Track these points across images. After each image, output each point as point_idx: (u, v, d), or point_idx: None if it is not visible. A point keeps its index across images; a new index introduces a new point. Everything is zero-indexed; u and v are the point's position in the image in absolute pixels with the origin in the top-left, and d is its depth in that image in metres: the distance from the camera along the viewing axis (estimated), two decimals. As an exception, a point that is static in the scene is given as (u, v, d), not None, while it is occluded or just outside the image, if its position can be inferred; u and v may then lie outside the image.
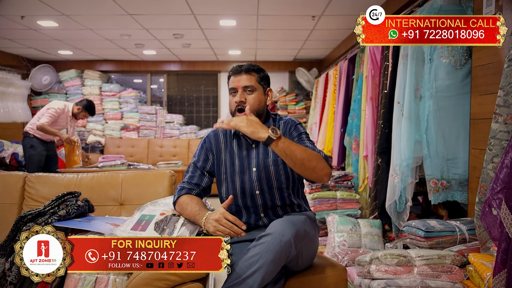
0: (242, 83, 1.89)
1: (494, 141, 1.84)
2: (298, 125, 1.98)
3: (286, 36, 5.72)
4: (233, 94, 1.92)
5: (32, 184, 2.34)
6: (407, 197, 2.78)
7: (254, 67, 1.94)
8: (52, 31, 5.40)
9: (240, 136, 1.97)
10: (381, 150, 3.12)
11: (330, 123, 5.21)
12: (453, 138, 2.67)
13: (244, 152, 1.95)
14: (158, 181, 2.40)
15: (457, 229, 2.29)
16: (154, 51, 6.80)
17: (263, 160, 1.91)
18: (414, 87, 2.77)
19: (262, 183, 1.91)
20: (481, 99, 2.43)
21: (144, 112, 7.57)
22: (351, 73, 4.55)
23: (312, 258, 1.90)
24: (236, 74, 1.91)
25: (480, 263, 1.82)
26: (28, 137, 4.90)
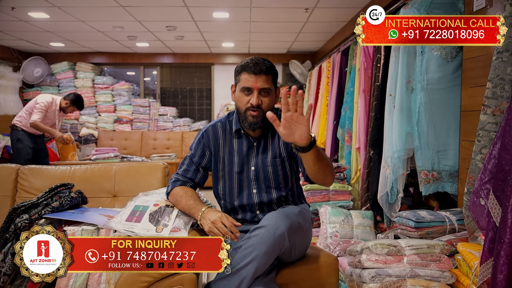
0: (260, 84, 1.78)
1: (483, 132, 1.87)
2: None
3: (280, 28, 5.71)
4: (246, 93, 1.80)
5: (25, 176, 2.34)
6: (399, 189, 2.81)
7: (272, 66, 1.83)
8: (44, 23, 5.35)
9: (242, 133, 1.93)
10: (373, 142, 3.15)
11: (323, 115, 5.23)
12: (444, 130, 2.70)
13: (244, 150, 1.92)
14: (151, 173, 2.40)
15: (446, 220, 2.33)
16: (147, 43, 6.77)
17: (263, 159, 1.90)
18: (406, 79, 2.79)
19: (259, 182, 1.90)
20: (471, 91, 2.45)
21: (137, 105, 7.54)
22: (344, 65, 4.56)
23: (305, 250, 1.92)
24: (255, 73, 1.77)
25: (468, 252, 1.86)
26: (15, 130, 4.86)
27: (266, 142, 1.93)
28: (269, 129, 1.91)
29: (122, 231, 1.75)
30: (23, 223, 1.74)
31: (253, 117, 1.80)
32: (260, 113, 1.79)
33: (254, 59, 1.82)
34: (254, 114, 1.79)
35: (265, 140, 1.93)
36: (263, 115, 1.78)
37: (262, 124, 1.83)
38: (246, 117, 1.82)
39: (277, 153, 1.91)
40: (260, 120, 1.81)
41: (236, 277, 1.57)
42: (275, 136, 1.91)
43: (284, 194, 1.92)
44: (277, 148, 1.91)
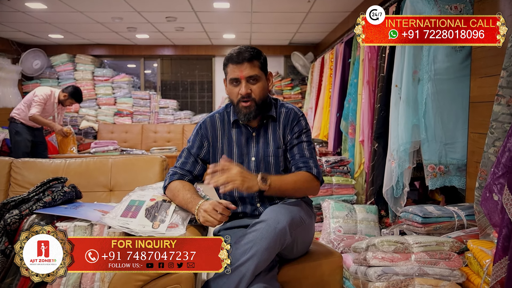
0: (246, 73, 1.75)
1: (496, 124, 1.78)
2: (301, 118, 1.88)
3: (281, 19, 5.61)
4: (234, 84, 1.78)
5: (18, 170, 2.27)
6: (404, 183, 2.73)
7: (255, 52, 1.78)
8: (41, 14, 5.26)
9: (240, 123, 1.88)
10: (378, 134, 3.06)
11: (326, 107, 5.15)
12: (452, 122, 2.62)
13: (244, 141, 1.87)
14: (148, 166, 2.33)
15: (455, 215, 2.25)
16: (147, 35, 6.67)
17: (263, 149, 1.85)
18: (412, 69, 2.70)
19: None
20: (481, 81, 2.37)
21: (137, 98, 7.46)
22: (347, 56, 4.46)
23: (307, 245, 1.85)
24: (239, 63, 1.75)
25: (479, 249, 1.78)
26: (14, 122, 4.82)
27: (266, 132, 1.87)
28: (268, 118, 1.87)
29: (117, 227, 1.67)
30: (13, 219, 1.67)
31: (246, 108, 1.78)
32: (252, 102, 1.78)
33: (237, 48, 1.80)
34: (245, 105, 1.77)
35: (264, 129, 1.88)
36: (256, 103, 1.78)
37: (257, 113, 1.81)
38: (240, 110, 1.80)
39: (278, 143, 1.86)
40: (254, 110, 1.79)
41: (235, 274, 1.51)
42: (275, 126, 1.87)
43: None
44: (278, 139, 1.86)
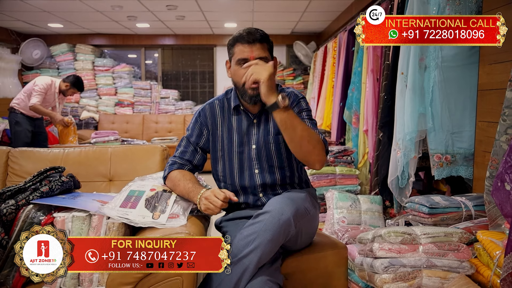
0: (257, 53, 1.67)
1: (509, 111, 1.72)
2: (301, 100, 1.82)
3: (284, 7, 5.52)
4: (242, 64, 1.69)
5: (15, 159, 2.22)
6: (410, 173, 2.67)
7: (266, 35, 1.73)
8: (40, 2, 5.18)
9: (241, 110, 1.82)
10: (383, 123, 2.99)
11: (329, 97, 5.07)
12: (459, 111, 2.56)
13: (244, 128, 1.81)
14: (149, 156, 2.28)
15: (462, 205, 2.19)
16: (148, 24, 6.58)
17: (264, 136, 1.78)
18: (419, 57, 2.63)
19: (262, 161, 1.78)
20: (490, 68, 2.30)
21: (138, 88, 7.39)
22: (351, 45, 4.38)
23: (312, 237, 1.81)
24: (249, 43, 1.67)
25: (490, 240, 1.73)
26: (13, 112, 4.78)
27: (267, 118, 1.81)
28: None
29: (116, 218, 1.62)
30: (9, 209, 1.62)
31: (253, 89, 1.68)
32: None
33: (246, 29, 1.72)
34: (253, 86, 1.66)
35: (265, 116, 1.81)
36: None
37: None
38: (245, 91, 1.71)
39: (279, 129, 1.78)
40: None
41: (238, 266, 1.46)
42: None
43: (288, 175, 1.81)
44: None
